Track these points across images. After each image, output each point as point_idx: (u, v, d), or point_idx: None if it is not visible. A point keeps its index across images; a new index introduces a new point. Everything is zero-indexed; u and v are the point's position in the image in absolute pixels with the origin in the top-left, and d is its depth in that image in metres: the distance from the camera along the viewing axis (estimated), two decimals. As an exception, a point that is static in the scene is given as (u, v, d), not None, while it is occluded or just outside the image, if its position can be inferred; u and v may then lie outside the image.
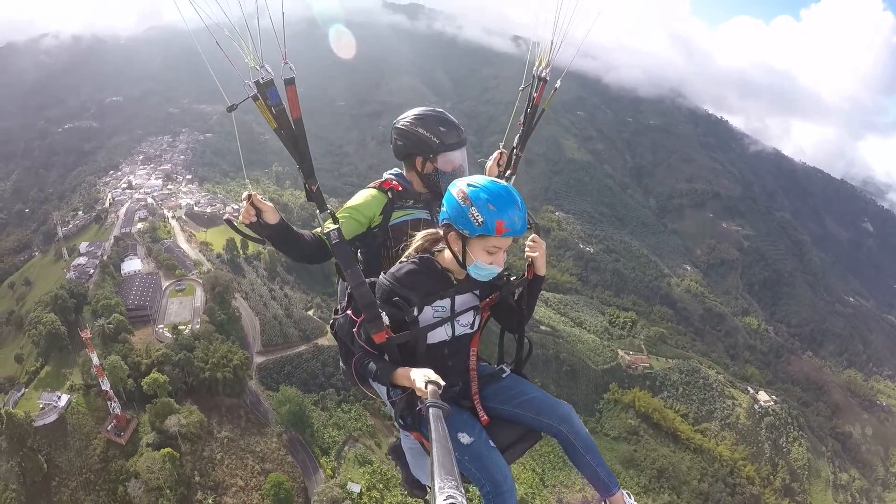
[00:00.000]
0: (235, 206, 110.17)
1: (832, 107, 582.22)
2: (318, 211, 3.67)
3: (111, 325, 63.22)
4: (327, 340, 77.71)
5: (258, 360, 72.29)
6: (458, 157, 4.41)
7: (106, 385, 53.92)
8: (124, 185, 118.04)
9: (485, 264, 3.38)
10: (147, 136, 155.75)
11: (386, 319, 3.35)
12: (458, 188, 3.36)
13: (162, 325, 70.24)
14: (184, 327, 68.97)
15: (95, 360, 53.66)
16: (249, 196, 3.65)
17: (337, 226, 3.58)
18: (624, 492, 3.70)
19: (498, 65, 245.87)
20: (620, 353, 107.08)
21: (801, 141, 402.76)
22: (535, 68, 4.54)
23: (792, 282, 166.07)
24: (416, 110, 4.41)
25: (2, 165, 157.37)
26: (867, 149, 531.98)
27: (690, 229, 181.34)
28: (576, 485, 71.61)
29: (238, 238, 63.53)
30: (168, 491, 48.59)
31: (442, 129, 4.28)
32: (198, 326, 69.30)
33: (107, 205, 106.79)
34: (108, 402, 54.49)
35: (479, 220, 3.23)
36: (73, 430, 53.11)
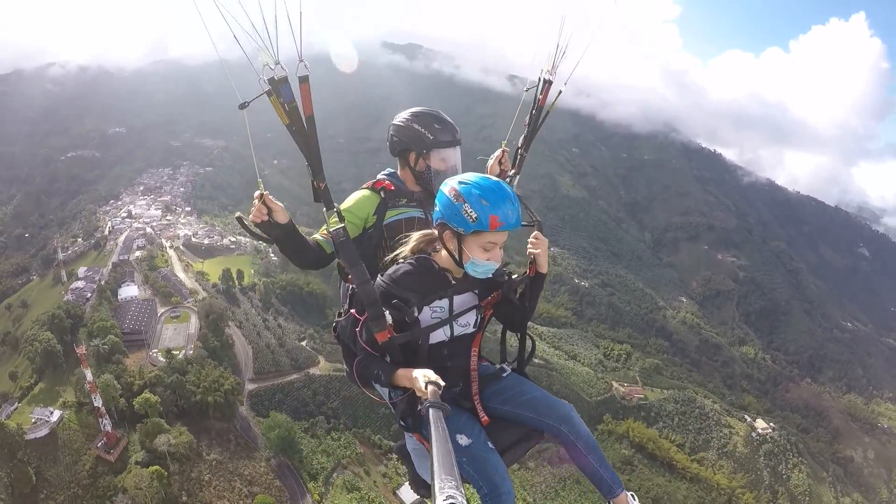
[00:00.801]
0: (233, 239, 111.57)
1: (824, 135, 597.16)
2: (324, 209, 3.76)
3: (106, 346, 63.96)
4: (319, 370, 78.97)
5: (250, 386, 72.65)
6: (452, 156, 4.45)
7: (98, 402, 54.57)
8: (124, 215, 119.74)
9: (482, 261, 3.37)
10: (148, 167, 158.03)
11: (389, 318, 3.32)
12: (449, 186, 3.37)
13: (156, 350, 70.79)
14: (177, 352, 69.58)
15: (89, 376, 54.47)
16: (262, 195, 3.66)
17: (342, 224, 3.63)
18: (628, 493, 3.62)
19: (494, 103, 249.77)
20: (615, 384, 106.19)
21: (795, 170, 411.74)
22: (540, 71, 4.56)
23: (788, 310, 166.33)
24: (414, 108, 4.47)
25: (4, 189, 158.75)
26: (861, 175, 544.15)
27: (686, 262, 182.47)
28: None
29: (234, 269, 64.47)
30: (155, 509, 48.78)
31: (437, 126, 4.34)
32: (191, 352, 69.86)
33: (106, 232, 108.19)
34: (100, 420, 54.96)
35: (473, 217, 3.24)
36: (64, 445, 53.74)
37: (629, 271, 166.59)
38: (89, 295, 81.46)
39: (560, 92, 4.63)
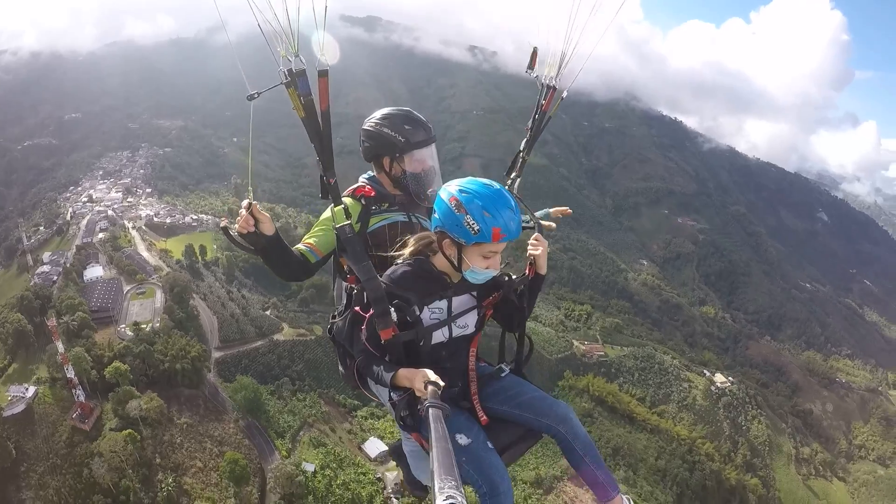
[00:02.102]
0: (195, 217, 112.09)
1: (784, 104, 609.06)
2: (332, 206, 3.76)
3: (75, 322, 65.12)
4: (282, 336, 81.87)
5: (216, 354, 74.93)
6: (428, 155, 4.28)
7: (71, 373, 56.35)
8: (84, 200, 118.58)
9: (481, 269, 3.38)
10: (106, 151, 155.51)
11: (395, 315, 3.33)
12: (449, 194, 3.32)
13: (123, 325, 71.99)
14: (145, 325, 71.13)
15: (61, 348, 56.25)
16: (250, 205, 3.60)
17: (349, 221, 3.64)
18: (624, 497, 3.62)
19: (454, 74, 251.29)
20: (575, 343, 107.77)
21: (755, 138, 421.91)
22: (544, 77, 4.54)
23: (748, 271, 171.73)
24: (384, 110, 4.29)
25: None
26: (820, 142, 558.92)
27: (646, 226, 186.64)
28: None
29: (197, 245, 65.17)
30: (130, 471, 50.73)
31: (407, 127, 4.15)
32: (158, 324, 71.32)
33: (68, 218, 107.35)
34: (73, 390, 56.65)
35: (476, 229, 3.21)
36: (40, 419, 55.05)
37: (590, 236, 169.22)
38: (55, 278, 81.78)
39: (562, 98, 4.66)
